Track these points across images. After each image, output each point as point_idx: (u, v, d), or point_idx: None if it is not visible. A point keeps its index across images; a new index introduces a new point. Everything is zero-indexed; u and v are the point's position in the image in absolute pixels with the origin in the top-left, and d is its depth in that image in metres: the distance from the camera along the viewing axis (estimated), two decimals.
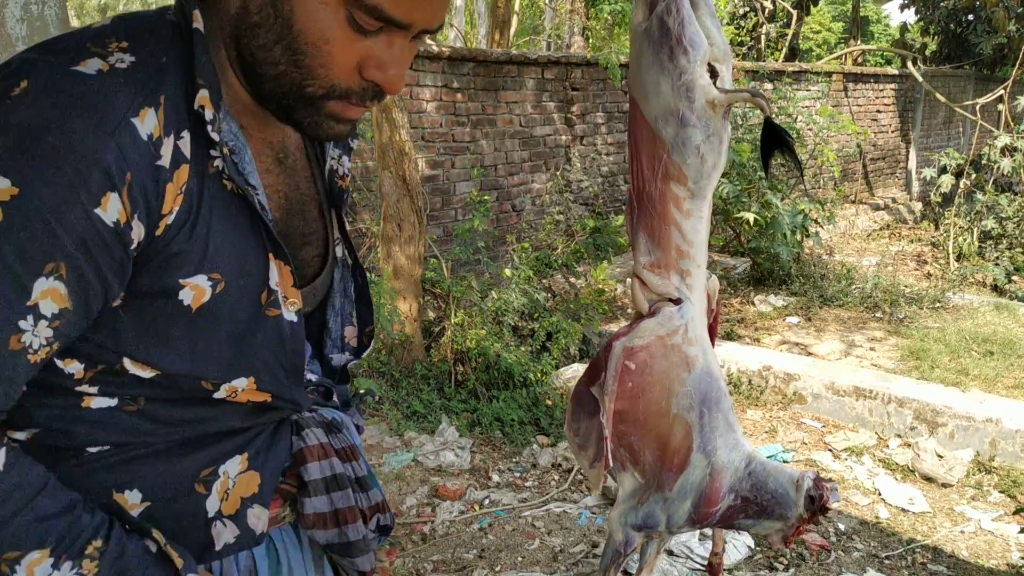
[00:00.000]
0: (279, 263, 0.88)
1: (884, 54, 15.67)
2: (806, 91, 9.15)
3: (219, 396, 0.86)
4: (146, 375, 0.82)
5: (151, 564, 0.83)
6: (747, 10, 12.34)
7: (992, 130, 8.35)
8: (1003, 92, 8.35)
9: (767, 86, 8.42)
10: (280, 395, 0.91)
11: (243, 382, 0.87)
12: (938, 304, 6.10)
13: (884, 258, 7.98)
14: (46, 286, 0.72)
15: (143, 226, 0.76)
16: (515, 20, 9.40)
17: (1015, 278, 7.09)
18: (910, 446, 3.91)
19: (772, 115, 1.03)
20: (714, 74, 1.01)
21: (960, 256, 7.67)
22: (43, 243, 0.71)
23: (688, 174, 1.04)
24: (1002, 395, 4.28)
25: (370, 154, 4.96)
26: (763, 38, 11.98)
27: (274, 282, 0.87)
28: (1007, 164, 7.78)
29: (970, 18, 12.48)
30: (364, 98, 0.84)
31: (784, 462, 3.82)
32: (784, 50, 12.12)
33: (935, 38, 13.02)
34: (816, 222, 6.78)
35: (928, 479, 3.68)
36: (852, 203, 10.05)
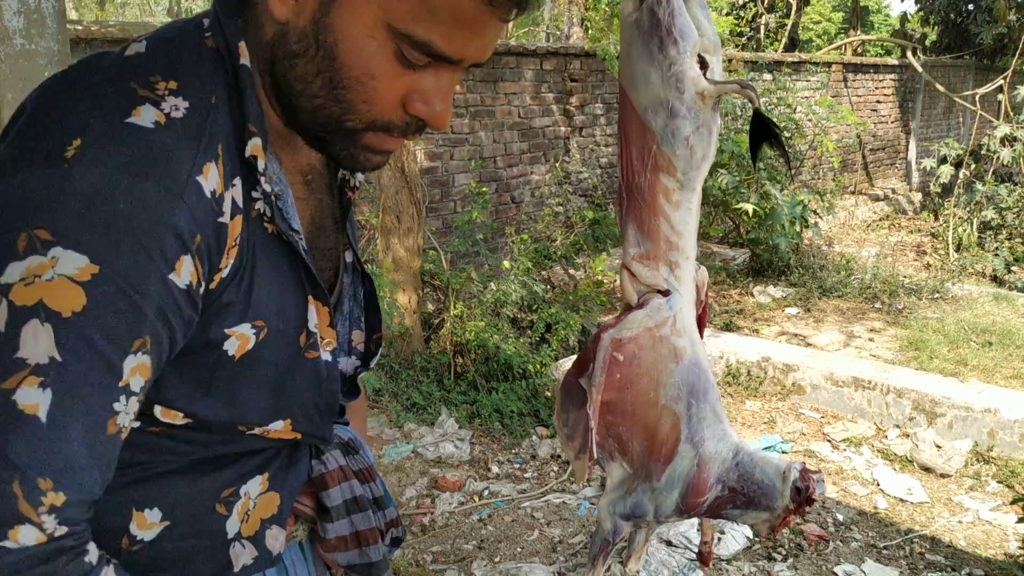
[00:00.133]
0: (317, 304, 0.85)
1: (884, 44, 15.63)
2: (806, 81, 9.12)
3: (251, 434, 0.84)
4: (177, 422, 0.79)
5: None
6: (747, 0, 12.31)
7: (992, 120, 8.33)
8: (1003, 82, 8.34)
9: (766, 77, 8.40)
10: (312, 433, 0.90)
11: (279, 424, 0.85)
12: (937, 295, 6.10)
13: (883, 249, 7.98)
14: (135, 363, 0.69)
15: (204, 283, 0.73)
16: None
17: (1014, 268, 7.08)
18: (909, 436, 3.91)
19: (761, 107, 1.03)
20: (704, 65, 1.01)
21: (960, 246, 7.67)
22: (129, 320, 0.68)
23: (677, 165, 1.04)
24: (1000, 385, 4.29)
25: None
26: (762, 28, 11.94)
27: (312, 324, 0.84)
28: (1007, 154, 7.77)
29: (970, 8, 12.45)
30: (406, 132, 0.80)
31: (783, 452, 3.83)
32: (784, 40, 12.09)
33: (935, 28, 12.98)
34: (815, 213, 6.78)
35: (926, 469, 3.68)
36: (852, 194, 10.04)
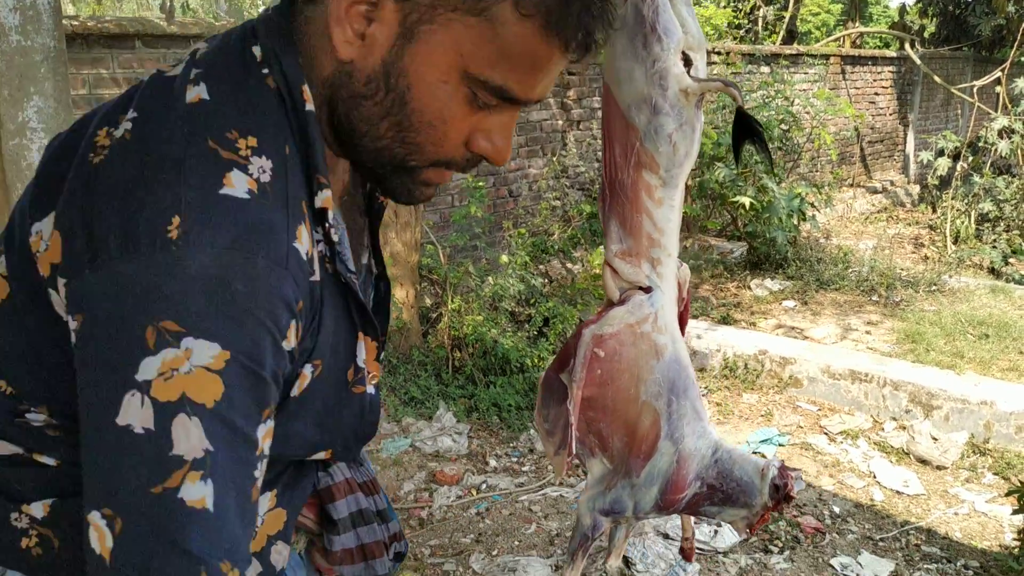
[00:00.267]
0: (367, 339, 0.85)
1: (882, 36, 15.60)
2: (803, 74, 9.11)
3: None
4: None
5: None
6: None
7: (990, 112, 8.32)
8: (1001, 74, 8.32)
9: (764, 69, 8.39)
10: (343, 458, 0.90)
11: (321, 454, 0.86)
12: (934, 287, 6.11)
13: (881, 241, 7.98)
14: (265, 430, 0.71)
15: (301, 340, 0.75)
16: None
17: (1012, 260, 7.09)
18: (905, 429, 3.92)
19: (744, 106, 1.03)
20: (688, 63, 1.02)
21: (957, 239, 7.67)
22: (259, 395, 0.69)
23: (660, 162, 1.04)
24: (997, 378, 4.30)
25: None
26: (760, 20, 11.91)
27: (361, 359, 0.85)
28: (1004, 146, 7.76)
29: None
30: (464, 167, 0.81)
31: (780, 446, 3.84)
32: (782, 32, 12.06)
33: (934, 19, 12.95)
34: (812, 206, 6.77)
35: (923, 461, 3.69)
36: (850, 186, 10.04)
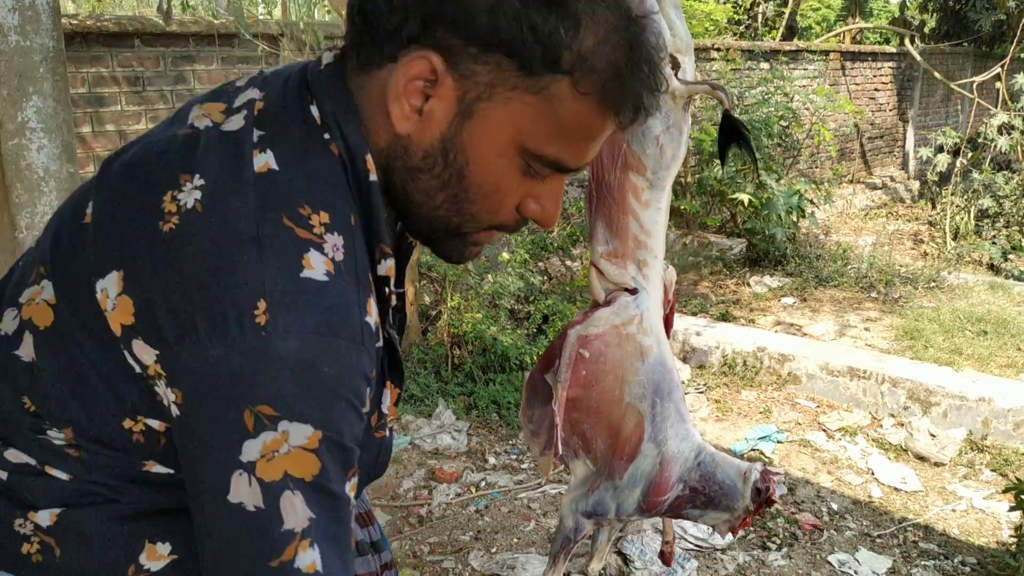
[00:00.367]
0: (391, 386, 0.88)
1: (882, 32, 15.57)
2: (803, 70, 9.10)
3: None
4: None
5: None
6: None
7: (989, 108, 8.30)
8: (1000, 70, 8.30)
9: (763, 66, 8.38)
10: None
11: None
12: (933, 284, 6.11)
13: (880, 238, 7.97)
14: (351, 485, 0.76)
15: None
16: None
17: (1011, 256, 7.08)
18: (903, 425, 3.93)
19: (732, 109, 1.04)
20: (675, 65, 1.02)
21: (957, 235, 7.66)
22: (347, 460, 0.74)
23: (647, 164, 1.04)
24: (995, 374, 4.30)
25: None
26: (760, 16, 11.89)
27: (385, 406, 0.87)
28: (1004, 142, 7.74)
29: None
30: (514, 229, 0.84)
31: (778, 442, 3.85)
32: (781, 28, 12.04)
33: (934, 15, 12.92)
34: (812, 202, 6.77)
35: (921, 458, 3.70)
36: (850, 182, 10.03)
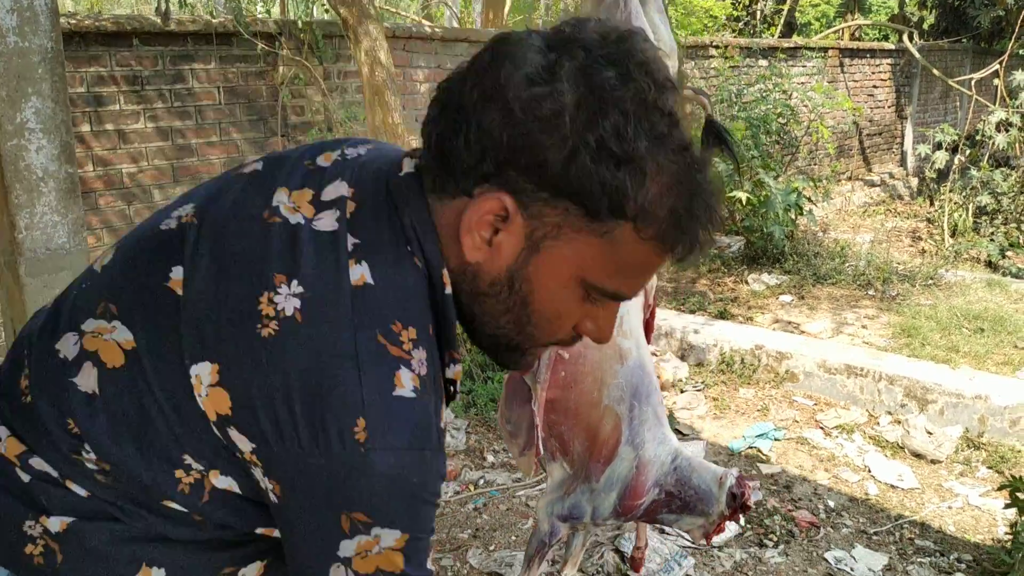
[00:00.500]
0: None
1: (881, 28, 15.55)
2: (802, 67, 9.10)
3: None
4: (271, 536, 0.90)
5: None
6: None
7: (988, 105, 8.29)
8: (999, 67, 8.29)
9: (762, 63, 8.38)
10: None
11: None
12: (931, 281, 6.12)
13: (878, 235, 7.98)
14: (430, 562, 0.85)
15: None
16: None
17: (1009, 253, 7.08)
18: (900, 423, 3.94)
19: (713, 114, 1.04)
20: None
21: (955, 232, 7.66)
22: (428, 548, 0.83)
23: None
24: (992, 372, 4.31)
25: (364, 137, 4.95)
26: (759, 13, 11.89)
27: None
28: (1002, 139, 7.74)
29: None
30: (570, 344, 0.89)
31: (776, 440, 3.86)
32: (780, 25, 12.04)
33: (933, 11, 12.90)
34: (809, 200, 6.77)
35: (917, 456, 3.72)
36: (848, 179, 10.04)
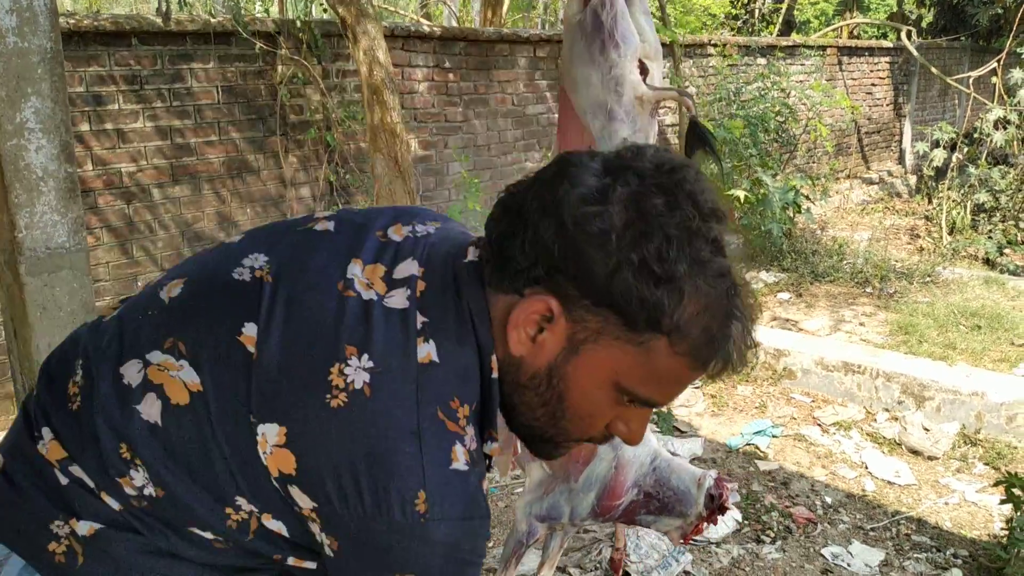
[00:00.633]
0: None
1: (880, 26, 15.55)
2: (800, 65, 9.10)
3: None
4: (302, 565, 0.93)
5: None
6: None
7: (986, 103, 8.28)
8: (997, 64, 8.28)
9: (760, 61, 8.38)
10: None
11: None
12: (928, 279, 6.12)
13: (876, 233, 7.97)
14: None
15: None
16: None
17: (1006, 251, 7.08)
18: (897, 420, 3.95)
19: (697, 116, 1.05)
20: (644, 71, 1.03)
21: (953, 229, 7.66)
22: None
23: None
24: (988, 369, 4.32)
25: (363, 136, 4.96)
26: (757, 11, 11.88)
27: None
28: (1000, 137, 7.74)
29: None
30: (601, 442, 0.92)
31: (773, 437, 3.87)
32: (779, 23, 12.03)
33: (931, 9, 12.89)
34: (807, 198, 6.77)
35: (914, 452, 3.72)
36: (847, 177, 10.03)
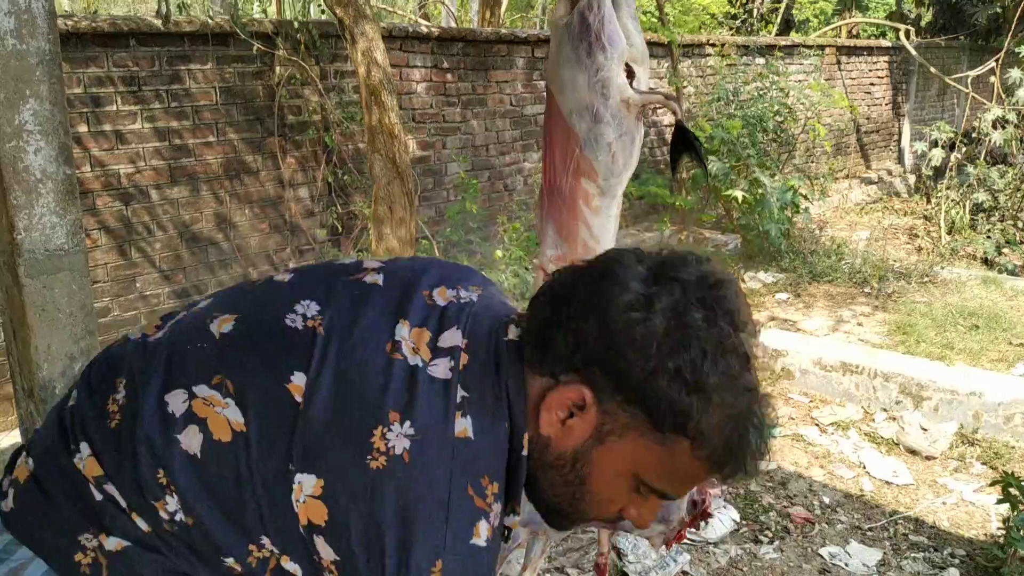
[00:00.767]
0: None
1: (879, 26, 15.55)
2: (799, 65, 9.10)
3: None
4: None
5: None
6: None
7: (984, 102, 8.28)
8: (995, 64, 8.28)
9: (759, 61, 8.38)
10: None
11: None
12: (926, 278, 6.12)
13: (874, 232, 7.97)
14: None
15: None
16: None
17: (1005, 250, 7.08)
18: (895, 420, 3.95)
19: (683, 120, 1.05)
20: (631, 74, 1.03)
21: (952, 229, 7.65)
22: None
23: (599, 171, 1.06)
24: (986, 368, 4.32)
25: (361, 136, 4.97)
26: (756, 11, 11.88)
27: None
28: (998, 136, 7.73)
29: None
30: (612, 524, 1.02)
31: (771, 437, 3.87)
32: (778, 23, 12.03)
33: (930, 8, 12.89)
34: (805, 198, 6.77)
35: (912, 452, 3.72)
36: (846, 177, 10.03)
